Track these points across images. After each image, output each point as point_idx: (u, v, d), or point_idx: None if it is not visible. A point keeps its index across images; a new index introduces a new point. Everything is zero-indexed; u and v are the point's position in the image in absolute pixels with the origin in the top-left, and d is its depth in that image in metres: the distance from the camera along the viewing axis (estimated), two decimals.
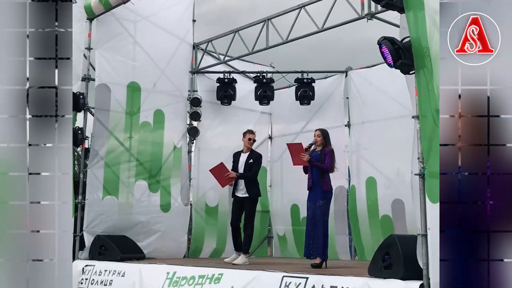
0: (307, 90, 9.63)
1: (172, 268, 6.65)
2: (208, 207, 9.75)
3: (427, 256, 4.40)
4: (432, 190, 4.36)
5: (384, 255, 4.84)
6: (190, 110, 9.62)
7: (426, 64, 4.45)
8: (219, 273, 6.02)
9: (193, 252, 9.45)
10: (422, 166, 4.49)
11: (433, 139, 4.36)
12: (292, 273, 5.41)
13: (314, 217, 6.73)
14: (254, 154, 7.53)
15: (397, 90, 8.84)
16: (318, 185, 6.76)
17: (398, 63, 4.47)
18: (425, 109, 4.46)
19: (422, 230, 4.47)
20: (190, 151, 9.71)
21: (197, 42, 9.85)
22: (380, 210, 8.88)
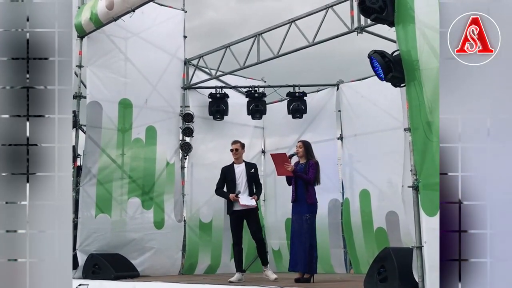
0: (299, 104, 9.66)
1: (166, 285, 6.59)
2: (202, 223, 9.70)
3: (422, 269, 4.38)
4: (427, 203, 4.36)
5: (379, 268, 4.82)
6: (182, 125, 9.61)
7: (416, 77, 4.47)
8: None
9: (188, 269, 9.39)
10: (415, 179, 4.49)
11: (426, 152, 4.37)
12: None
13: (299, 231, 6.68)
14: (252, 165, 7.40)
15: (389, 102, 8.91)
16: (303, 198, 6.73)
17: (388, 76, 4.48)
18: (416, 121, 4.47)
19: (417, 242, 4.45)
20: (183, 166, 9.68)
21: (189, 58, 9.87)
22: (375, 222, 8.88)
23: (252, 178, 7.26)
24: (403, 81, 4.53)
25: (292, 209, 6.83)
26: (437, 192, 4.25)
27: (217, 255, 9.73)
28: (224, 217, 9.90)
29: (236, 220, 7.19)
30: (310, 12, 8.01)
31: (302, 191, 6.70)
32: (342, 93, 9.68)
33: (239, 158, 7.41)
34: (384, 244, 8.74)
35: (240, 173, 7.27)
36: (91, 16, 8.11)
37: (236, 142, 7.52)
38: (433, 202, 4.30)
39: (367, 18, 5.45)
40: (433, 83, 4.27)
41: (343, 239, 9.46)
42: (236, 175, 7.28)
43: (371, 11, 4.69)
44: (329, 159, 9.52)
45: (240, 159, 7.42)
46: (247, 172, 7.23)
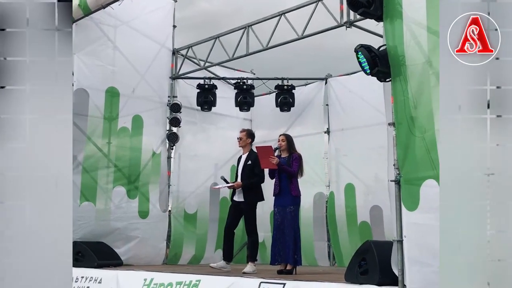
0: (287, 97, 9.67)
1: (149, 274, 6.60)
2: (187, 213, 9.71)
3: (403, 262, 4.43)
4: (407, 197, 4.39)
5: (360, 260, 4.86)
6: (169, 116, 9.60)
7: (402, 72, 4.50)
8: (196, 280, 5.98)
9: (172, 259, 9.40)
10: (397, 173, 4.52)
11: (408, 147, 4.40)
12: (270, 279, 5.40)
13: (282, 223, 6.70)
14: (253, 155, 7.17)
15: (376, 97, 8.80)
16: (287, 191, 6.74)
17: (374, 70, 4.50)
18: (401, 116, 4.50)
19: (397, 236, 4.49)
20: (170, 157, 9.68)
21: (177, 48, 9.84)
22: (359, 216, 8.94)
23: (248, 170, 7.11)
24: (388, 76, 4.55)
25: (275, 202, 6.84)
26: (418, 187, 4.30)
27: (201, 246, 9.75)
28: (210, 208, 9.96)
29: (232, 209, 7.21)
30: (300, 5, 8.01)
31: (286, 183, 6.72)
32: (331, 87, 9.70)
33: (245, 147, 7.33)
34: (367, 238, 8.77)
35: (241, 164, 7.24)
36: (80, 2, 8.04)
37: (243, 130, 7.46)
38: (413, 197, 4.34)
39: (355, 12, 5.45)
40: (418, 79, 4.30)
41: (327, 232, 9.51)
42: (239, 165, 7.28)
43: (359, 5, 4.71)
44: (316, 152, 9.57)
45: (245, 148, 7.32)
46: (244, 163, 7.18)
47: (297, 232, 6.68)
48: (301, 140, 8.74)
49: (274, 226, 6.81)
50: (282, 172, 6.74)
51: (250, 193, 7.15)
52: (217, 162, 10.08)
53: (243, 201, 7.09)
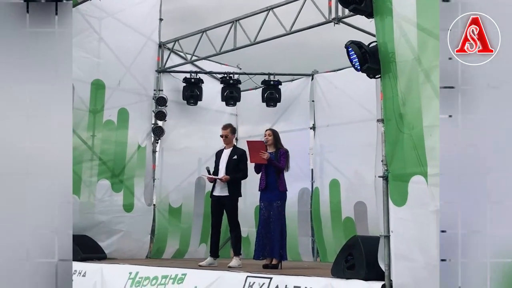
0: (273, 92, 9.67)
1: (134, 268, 6.58)
2: (171, 207, 9.67)
3: (389, 258, 4.47)
4: (395, 193, 4.43)
5: (347, 255, 4.89)
6: (155, 109, 9.55)
7: (391, 69, 4.53)
8: (182, 273, 5.98)
9: (156, 253, 9.38)
10: (385, 169, 4.55)
11: (396, 143, 4.43)
12: (256, 274, 5.42)
13: (269, 218, 6.71)
14: (238, 151, 7.23)
15: (362, 94, 8.99)
16: (274, 186, 6.76)
17: (364, 67, 4.53)
18: (389, 113, 4.53)
19: (384, 231, 4.53)
20: (155, 151, 9.64)
21: (164, 41, 9.78)
22: (343, 212, 8.97)
23: (233, 165, 7.11)
24: (378, 72, 4.58)
25: (261, 197, 6.85)
26: (406, 183, 4.34)
27: (185, 240, 9.73)
28: (194, 203, 9.94)
29: (214, 204, 7.19)
30: (288, 1, 8.01)
31: (274, 178, 6.73)
32: (317, 83, 9.72)
33: (229, 143, 7.34)
34: (351, 234, 8.77)
35: (224, 158, 7.21)
36: None
37: (226, 127, 7.41)
38: (401, 193, 4.38)
39: (346, 8, 5.47)
40: (407, 76, 4.33)
41: (312, 227, 9.55)
42: (221, 159, 7.24)
43: (350, 2, 4.72)
44: (301, 148, 9.58)
45: (230, 144, 7.34)
46: (229, 158, 7.18)
47: (283, 227, 6.71)
48: (286, 135, 8.70)
49: (260, 221, 6.81)
50: (269, 167, 6.74)
51: (234, 188, 7.18)
52: (201, 156, 10.04)
53: (227, 196, 7.10)
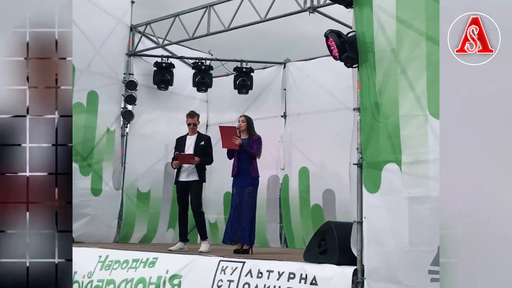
0: (245, 80, 9.69)
1: (104, 251, 6.56)
2: (139, 192, 9.62)
3: (361, 243, 4.58)
4: (369, 180, 4.53)
5: (320, 240, 4.98)
6: (125, 93, 9.46)
7: (369, 59, 4.61)
8: (153, 257, 6.00)
9: (123, 237, 9.33)
10: (360, 157, 4.65)
11: (372, 132, 4.53)
12: (229, 258, 5.48)
13: (241, 203, 6.79)
14: (204, 137, 7.33)
15: (333, 83, 9.11)
16: (247, 172, 6.83)
17: (343, 56, 4.59)
18: (365, 102, 4.62)
19: (358, 217, 4.64)
20: (124, 135, 9.56)
21: (135, 24, 9.67)
22: (312, 199, 9.09)
23: (201, 151, 7.18)
24: (356, 62, 4.65)
25: (234, 183, 6.91)
26: (379, 171, 4.45)
27: (153, 225, 9.71)
28: (163, 188, 9.91)
29: (181, 190, 7.23)
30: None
31: (246, 165, 6.79)
32: (289, 71, 9.78)
33: (195, 131, 7.39)
34: (319, 221, 8.94)
35: (190, 145, 7.24)
36: None
37: (193, 115, 7.43)
38: (374, 180, 4.48)
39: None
40: (385, 66, 4.42)
41: (280, 214, 9.66)
42: (185, 146, 7.26)
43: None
44: (271, 136, 9.63)
45: (195, 131, 7.38)
46: (195, 144, 7.20)
47: (254, 213, 6.78)
48: (257, 123, 8.66)
49: (232, 206, 6.88)
50: (242, 153, 6.79)
51: (202, 172, 7.28)
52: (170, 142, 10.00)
53: (196, 180, 7.18)
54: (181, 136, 7.55)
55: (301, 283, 4.80)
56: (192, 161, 7.05)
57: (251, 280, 5.11)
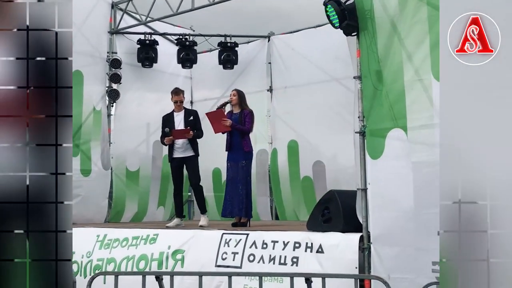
0: (230, 55, 9.62)
1: (101, 230, 6.55)
2: (128, 171, 9.55)
3: (367, 210, 4.65)
4: (372, 147, 4.59)
5: (323, 209, 5.03)
6: (109, 72, 9.33)
7: (367, 26, 4.63)
8: (154, 234, 6.00)
9: (114, 216, 9.28)
10: (362, 125, 4.69)
11: (374, 99, 4.57)
12: (232, 231, 5.51)
13: (235, 177, 6.82)
14: (192, 112, 7.35)
15: (319, 56, 9.14)
16: (239, 147, 6.85)
17: (344, 24, 4.60)
18: (365, 70, 4.65)
19: (361, 185, 4.70)
20: (110, 114, 9.45)
21: (116, 1, 9.50)
22: (301, 171, 9.15)
23: (192, 126, 7.19)
24: (355, 29, 4.66)
25: (228, 157, 6.93)
26: (383, 138, 4.50)
27: (144, 203, 9.68)
28: (152, 166, 9.87)
29: (175, 168, 7.22)
30: None
31: (238, 139, 6.81)
32: (273, 45, 9.75)
33: (181, 107, 7.37)
34: (310, 192, 9.12)
35: (179, 121, 7.23)
36: None
37: (178, 93, 7.39)
38: (377, 147, 4.54)
39: None
40: (386, 33, 4.45)
41: (270, 188, 9.71)
42: (175, 123, 7.25)
43: None
44: (259, 110, 9.56)
45: (181, 108, 7.35)
46: (185, 120, 7.19)
47: (249, 186, 6.83)
48: None
49: (227, 180, 6.91)
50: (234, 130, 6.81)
51: (196, 147, 7.29)
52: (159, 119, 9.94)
53: (192, 155, 7.18)
54: (168, 114, 7.52)
55: (307, 251, 4.87)
56: (187, 135, 7.04)
57: (256, 251, 5.16)
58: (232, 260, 5.23)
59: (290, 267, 4.88)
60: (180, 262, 5.61)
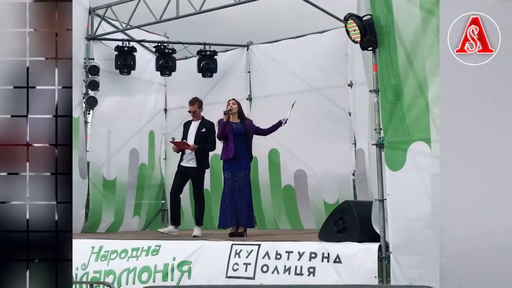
0: (209, 63, 9.62)
1: (97, 242, 6.38)
2: (105, 180, 9.37)
3: (384, 220, 4.76)
4: (392, 159, 4.71)
5: (338, 220, 5.11)
6: (86, 78, 9.13)
7: (384, 41, 4.76)
8: (156, 245, 5.90)
9: (90, 226, 9.09)
10: (379, 137, 4.81)
11: (393, 112, 4.70)
12: (242, 241, 5.51)
13: (236, 187, 6.84)
14: (206, 123, 7.25)
15: (299, 66, 9.28)
16: (244, 155, 6.91)
17: (365, 39, 4.70)
18: (383, 84, 4.77)
19: (379, 196, 4.81)
20: (87, 121, 9.24)
21: (94, 7, 9.31)
22: (283, 180, 9.22)
23: (202, 137, 7.14)
24: (375, 44, 4.77)
25: (226, 167, 6.93)
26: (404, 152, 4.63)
27: (120, 212, 9.53)
28: (128, 174, 9.71)
29: (179, 174, 7.22)
30: None
31: (243, 149, 6.84)
32: (252, 54, 9.81)
33: (198, 117, 7.33)
34: (291, 201, 9.23)
35: (192, 131, 7.21)
36: None
37: (193, 103, 7.36)
38: (398, 159, 4.66)
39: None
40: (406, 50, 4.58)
41: None
42: (188, 131, 7.24)
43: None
44: None
45: (198, 117, 7.32)
46: (197, 131, 7.14)
47: (250, 195, 6.87)
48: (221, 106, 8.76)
49: (225, 190, 6.89)
50: (238, 137, 6.83)
51: (203, 159, 7.24)
52: (135, 127, 9.84)
53: (194, 167, 7.15)
54: (188, 121, 7.49)
55: (324, 261, 4.93)
56: (187, 147, 7.01)
57: (269, 262, 5.17)
58: (245, 271, 5.22)
59: (306, 277, 4.93)
60: (187, 273, 5.55)
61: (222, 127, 7.01)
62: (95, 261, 6.16)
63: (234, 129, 6.87)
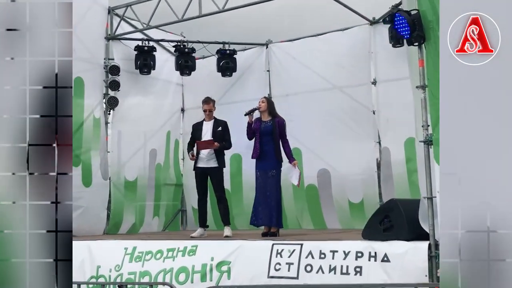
0: (229, 62, 9.55)
1: (129, 243, 6.30)
2: (126, 181, 9.28)
3: (433, 218, 4.69)
4: None
5: (383, 218, 5.04)
6: (106, 78, 9.05)
7: (430, 37, 4.69)
8: (192, 245, 5.82)
9: (112, 228, 9.00)
10: (427, 133, 4.74)
11: None
12: (283, 241, 5.44)
13: (265, 187, 6.80)
14: (221, 122, 7.19)
15: (319, 64, 9.23)
16: (270, 155, 6.83)
17: (414, 34, 4.64)
18: (433, 79, 4.69)
19: (428, 193, 4.74)
20: (108, 122, 9.16)
21: (113, 7, 9.23)
22: (306, 179, 9.13)
23: (219, 136, 7.09)
24: (423, 39, 4.71)
25: (257, 165, 6.87)
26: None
27: (141, 213, 9.44)
28: (148, 175, 9.63)
29: (199, 176, 7.13)
30: None
31: (270, 148, 6.76)
32: (272, 53, 9.75)
33: (211, 117, 7.26)
34: (314, 200, 9.15)
35: (207, 131, 7.11)
36: None
37: (208, 102, 7.28)
38: None
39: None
40: None
41: None
42: (202, 132, 7.11)
43: None
44: None
45: (211, 117, 7.24)
46: (213, 130, 7.06)
47: (280, 195, 6.80)
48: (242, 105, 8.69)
49: (256, 188, 6.84)
50: (265, 136, 6.76)
51: (222, 158, 7.18)
52: (154, 127, 9.77)
53: (215, 167, 7.08)
54: (197, 122, 7.42)
55: (371, 260, 4.86)
56: (212, 146, 6.93)
57: (313, 261, 5.10)
58: (287, 271, 5.15)
59: (353, 276, 4.86)
60: (226, 273, 5.47)
61: (248, 126, 6.95)
62: (129, 262, 6.07)
63: (261, 127, 6.80)
